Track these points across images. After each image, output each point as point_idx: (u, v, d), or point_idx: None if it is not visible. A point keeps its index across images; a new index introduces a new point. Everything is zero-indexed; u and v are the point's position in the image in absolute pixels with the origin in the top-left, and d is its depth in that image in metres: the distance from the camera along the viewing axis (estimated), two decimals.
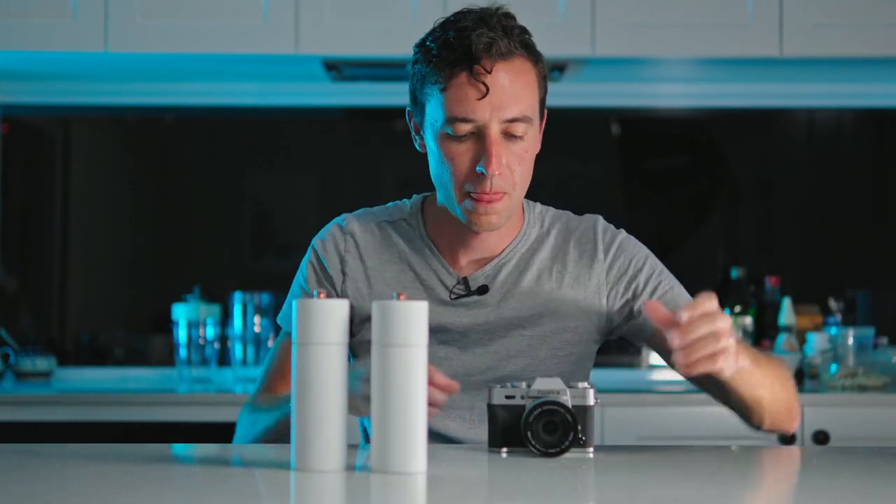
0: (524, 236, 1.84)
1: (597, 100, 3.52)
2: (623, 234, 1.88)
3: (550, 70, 3.24)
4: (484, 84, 1.68)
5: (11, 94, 3.49)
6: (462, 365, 1.79)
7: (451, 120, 1.70)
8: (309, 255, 1.87)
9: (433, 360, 1.73)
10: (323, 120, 3.64)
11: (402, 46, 3.09)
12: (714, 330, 1.49)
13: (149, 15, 3.07)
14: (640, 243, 1.88)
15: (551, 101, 1.91)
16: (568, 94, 3.45)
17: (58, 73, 3.39)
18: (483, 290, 1.80)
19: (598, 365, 1.94)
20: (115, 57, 3.12)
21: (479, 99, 1.69)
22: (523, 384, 1.54)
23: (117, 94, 3.50)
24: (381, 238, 1.84)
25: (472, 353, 1.79)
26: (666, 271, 1.87)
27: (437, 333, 1.78)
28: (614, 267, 1.83)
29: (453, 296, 1.80)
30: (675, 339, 1.47)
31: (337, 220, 1.90)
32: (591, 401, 1.52)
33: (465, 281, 1.80)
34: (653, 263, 1.86)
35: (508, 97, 1.69)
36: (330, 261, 1.84)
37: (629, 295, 1.82)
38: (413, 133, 1.84)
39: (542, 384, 1.52)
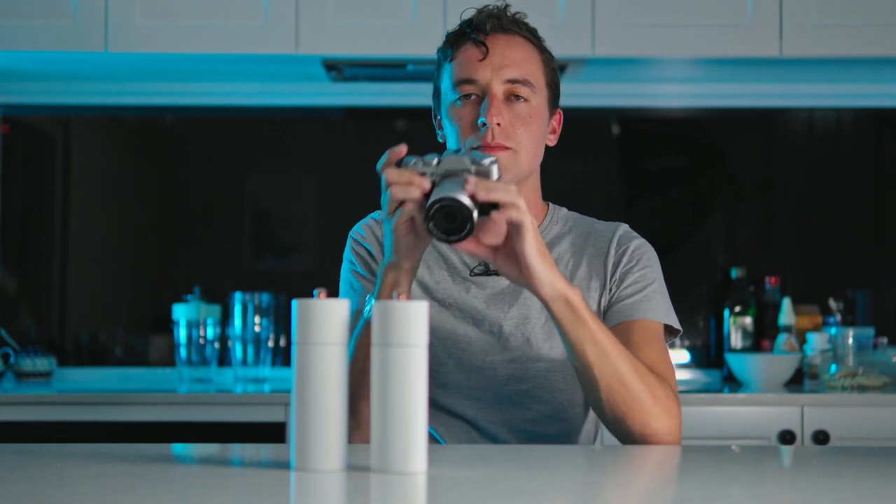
0: (545, 230, 1.90)
1: (597, 100, 3.52)
2: (642, 240, 1.90)
3: None
4: (485, 45, 1.82)
5: (11, 94, 3.50)
6: (480, 344, 1.83)
7: (458, 83, 1.82)
8: (350, 244, 1.92)
9: (454, 337, 1.81)
10: (323, 120, 3.64)
11: (402, 46, 3.10)
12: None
13: (149, 15, 3.07)
14: (653, 254, 1.89)
15: None
16: (568, 94, 3.41)
17: (58, 73, 3.40)
18: None
19: None
20: (115, 57, 3.12)
21: (481, 60, 1.81)
22: (433, 161, 1.60)
23: (117, 94, 3.50)
24: None
25: (488, 334, 1.83)
26: (657, 289, 1.85)
27: (456, 310, 1.84)
28: (621, 262, 1.86)
29: (473, 273, 1.86)
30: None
31: (370, 215, 1.96)
32: (494, 175, 1.60)
33: (485, 262, 1.86)
34: (649, 274, 1.86)
35: (508, 60, 1.82)
36: (372, 244, 1.89)
37: (615, 286, 1.85)
38: (437, 129, 1.92)
39: (449, 163, 1.60)
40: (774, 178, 3.65)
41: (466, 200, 1.54)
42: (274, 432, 2.84)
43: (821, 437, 2.84)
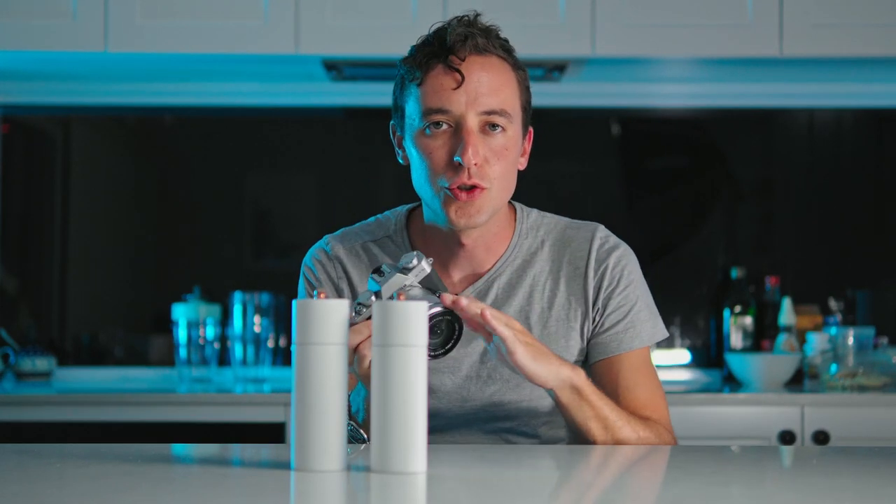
0: (515, 249, 1.80)
1: (597, 100, 3.52)
2: (621, 249, 1.82)
3: (550, 70, 3.24)
4: (459, 73, 1.68)
5: (11, 94, 3.49)
6: (456, 389, 1.78)
7: (428, 112, 1.69)
8: (303, 283, 1.85)
9: (431, 387, 1.74)
10: (323, 120, 3.64)
11: (402, 46, 3.06)
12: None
13: (149, 15, 3.07)
14: (633, 263, 1.82)
15: (551, 102, 1.91)
16: (568, 94, 3.45)
17: (58, 73, 3.40)
18: None
19: None
20: (115, 57, 3.12)
21: (455, 89, 1.68)
22: (369, 301, 1.55)
23: (117, 94, 3.50)
24: (368, 260, 1.82)
25: (465, 378, 1.78)
26: (642, 307, 1.80)
27: (430, 359, 1.77)
28: (602, 285, 1.80)
29: None
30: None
31: (320, 243, 1.86)
32: (427, 268, 1.58)
33: None
34: (632, 293, 1.80)
35: (485, 88, 1.69)
36: (325, 288, 1.81)
37: (598, 315, 1.80)
38: (396, 147, 1.81)
39: (388, 290, 1.56)
40: (774, 178, 3.65)
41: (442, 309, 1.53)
42: (274, 432, 2.84)
43: (821, 437, 2.84)
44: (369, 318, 1.53)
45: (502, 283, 1.79)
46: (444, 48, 1.70)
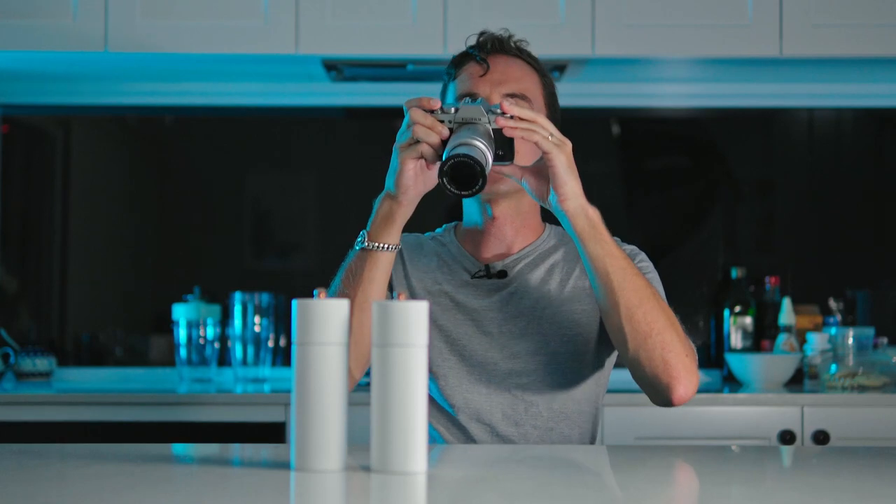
0: (544, 241, 1.97)
1: (597, 100, 3.52)
2: (633, 246, 1.96)
3: (550, 70, 3.24)
4: (485, 62, 1.91)
5: (11, 94, 3.49)
6: (480, 343, 1.90)
7: (460, 98, 1.90)
8: None
9: (456, 335, 1.90)
10: (323, 120, 3.64)
11: (402, 46, 3.10)
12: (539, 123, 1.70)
13: (149, 15, 3.07)
14: (646, 256, 1.95)
15: None
16: (568, 94, 3.43)
17: (58, 73, 3.39)
18: (502, 274, 1.92)
19: None
20: (115, 57, 3.12)
21: (482, 76, 1.91)
22: (452, 110, 1.69)
23: (117, 94, 3.50)
24: (415, 243, 2.00)
25: (488, 334, 1.90)
26: (655, 279, 1.90)
27: (457, 311, 1.91)
28: None
29: (475, 277, 1.93)
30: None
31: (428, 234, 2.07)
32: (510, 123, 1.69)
33: (486, 267, 1.94)
34: (646, 267, 1.91)
35: (508, 76, 1.91)
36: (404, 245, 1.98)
37: None
38: None
39: (466, 112, 1.68)
40: (774, 178, 3.65)
41: (479, 156, 1.61)
42: (274, 432, 2.84)
43: (821, 437, 2.84)
44: (441, 121, 1.68)
45: (528, 262, 1.94)
46: (474, 47, 1.95)
